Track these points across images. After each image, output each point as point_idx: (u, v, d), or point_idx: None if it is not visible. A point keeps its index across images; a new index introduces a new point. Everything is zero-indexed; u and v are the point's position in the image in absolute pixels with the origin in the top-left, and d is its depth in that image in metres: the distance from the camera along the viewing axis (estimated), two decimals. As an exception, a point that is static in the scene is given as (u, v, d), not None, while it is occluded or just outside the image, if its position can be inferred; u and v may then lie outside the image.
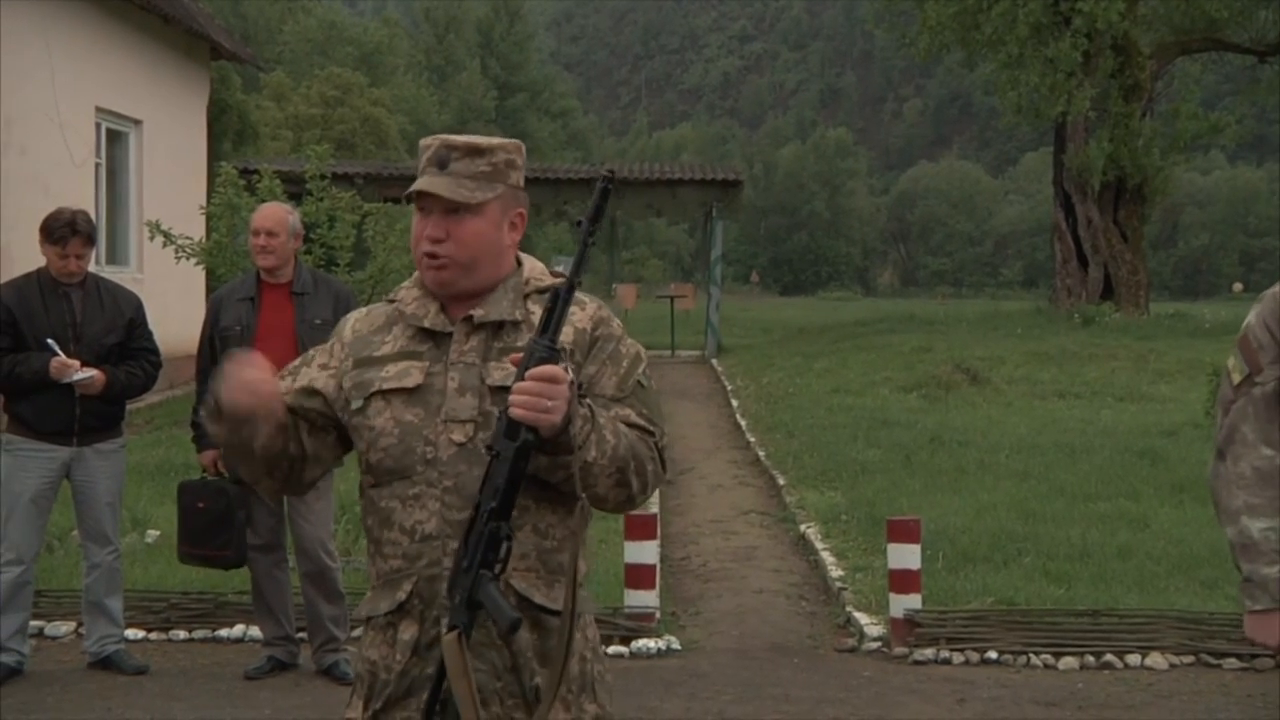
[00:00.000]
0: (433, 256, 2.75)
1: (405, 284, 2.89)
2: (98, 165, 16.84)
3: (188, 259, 15.36)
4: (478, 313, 2.74)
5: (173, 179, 18.42)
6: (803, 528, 10.09)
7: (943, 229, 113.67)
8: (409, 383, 2.71)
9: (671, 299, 29.98)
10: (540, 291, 2.81)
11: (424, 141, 2.80)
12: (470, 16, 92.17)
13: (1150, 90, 31.85)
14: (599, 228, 2.63)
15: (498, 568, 2.56)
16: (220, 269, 14.83)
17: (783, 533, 10.38)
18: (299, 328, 6.50)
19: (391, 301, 2.86)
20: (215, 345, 6.55)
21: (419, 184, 2.73)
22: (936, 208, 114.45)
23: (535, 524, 2.70)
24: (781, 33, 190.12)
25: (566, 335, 2.73)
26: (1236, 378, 3.41)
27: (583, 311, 2.80)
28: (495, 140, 2.78)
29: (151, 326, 6.86)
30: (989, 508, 10.49)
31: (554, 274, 2.88)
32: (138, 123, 17.86)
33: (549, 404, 2.49)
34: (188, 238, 15.30)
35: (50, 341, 6.39)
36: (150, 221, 15.21)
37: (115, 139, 17.52)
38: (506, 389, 2.60)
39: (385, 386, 2.72)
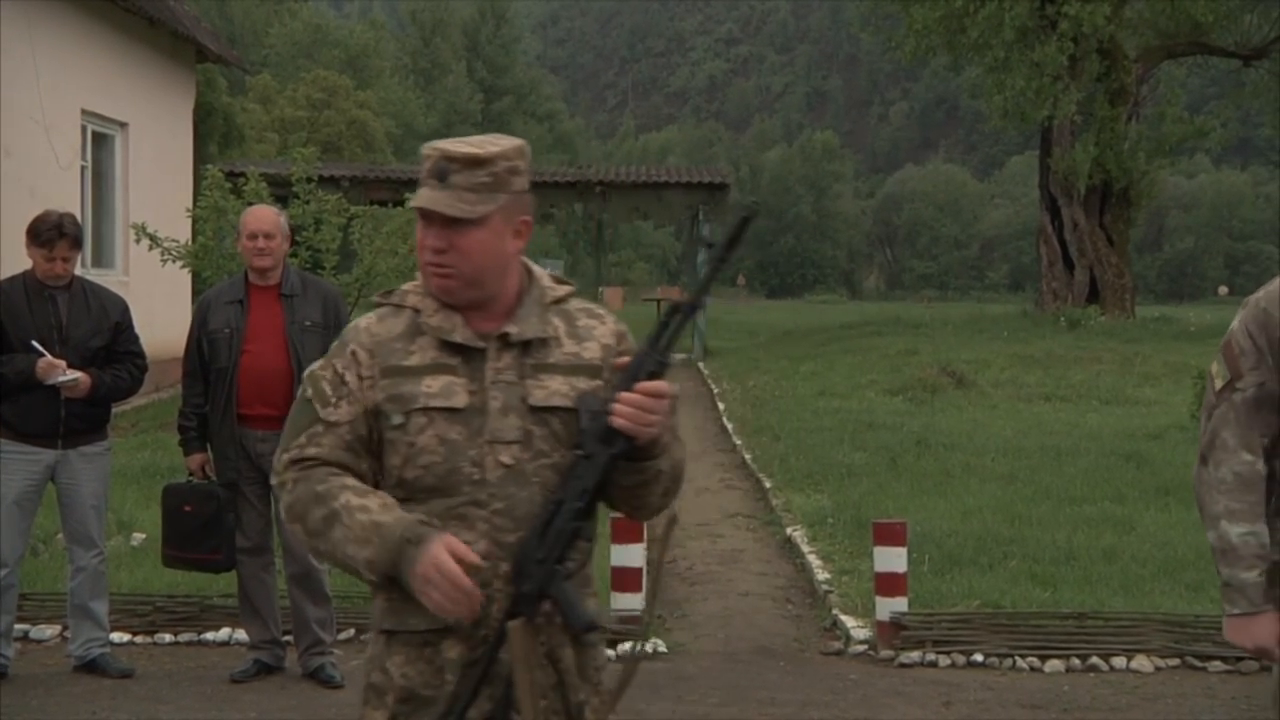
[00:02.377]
0: (437, 265, 2.70)
1: (411, 288, 2.81)
2: (83, 168, 16.80)
3: (174, 262, 15.33)
4: (513, 330, 2.72)
5: (158, 182, 18.39)
6: (789, 531, 10.10)
7: (928, 232, 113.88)
8: (456, 403, 2.67)
9: (658, 302, 29.98)
10: (557, 302, 2.82)
11: (425, 150, 2.73)
12: (456, 19, 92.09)
13: (1136, 94, 31.94)
14: (733, 256, 2.68)
15: (571, 566, 2.63)
16: (206, 272, 14.82)
17: (769, 536, 10.38)
18: (289, 330, 6.49)
19: (399, 306, 2.79)
20: (203, 348, 6.54)
21: (418, 199, 2.67)
22: (922, 211, 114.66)
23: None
24: (768, 36, 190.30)
25: (594, 351, 2.78)
26: (1218, 383, 3.44)
27: (604, 326, 2.83)
28: (495, 148, 2.70)
29: (137, 329, 6.84)
30: (975, 510, 10.50)
31: (555, 280, 2.87)
32: (123, 125, 17.83)
33: (653, 418, 2.57)
34: (174, 240, 15.28)
35: (34, 343, 6.37)
36: (136, 224, 15.18)
37: (101, 141, 17.48)
38: (549, 410, 2.68)
39: (431, 404, 2.67)
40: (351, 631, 7.39)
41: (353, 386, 2.71)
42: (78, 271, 6.75)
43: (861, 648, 7.31)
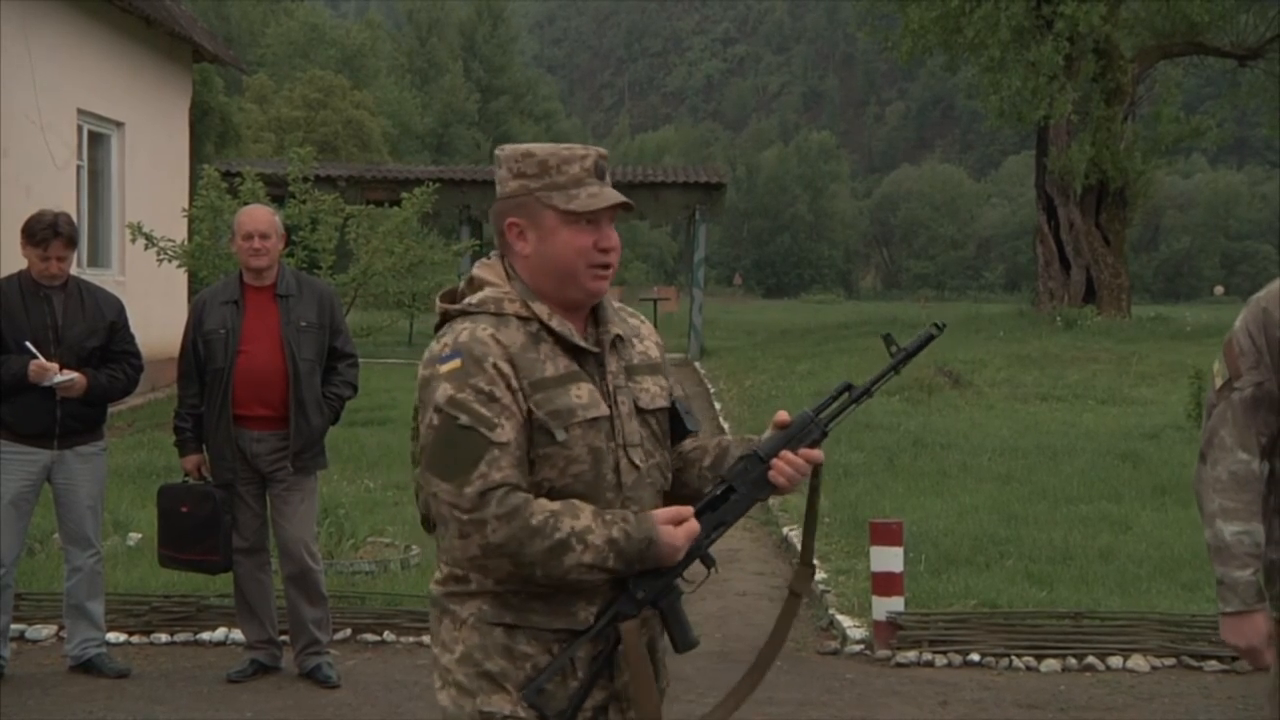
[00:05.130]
0: (604, 266, 2.74)
1: (499, 295, 2.77)
2: (79, 167, 16.78)
3: (170, 261, 15.32)
4: (621, 331, 2.80)
5: (155, 181, 18.37)
6: (785, 530, 10.10)
7: (925, 232, 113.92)
8: (602, 411, 2.72)
9: (655, 301, 30.04)
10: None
11: (569, 153, 2.72)
12: (453, 19, 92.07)
13: (1132, 94, 31.94)
14: (910, 361, 2.95)
15: (687, 589, 2.76)
16: (202, 271, 14.81)
17: (765, 535, 10.39)
18: (284, 330, 6.48)
19: (500, 314, 2.73)
20: (199, 349, 6.53)
21: (608, 197, 2.71)
22: (919, 211, 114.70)
23: None
24: (764, 36, 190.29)
25: (655, 350, 2.89)
26: (1218, 382, 3.48)
27: (644, 325, 2.92)
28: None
29: (133, 329, 6.83)
30: (971, 510, 10.51)
31: None
32: (119, 125, 17.81)
33: (801, 480, 2.75)
34: (170, 240, 15.26)
35: (28, 344, 6.36)
36: (132, 224, 15.16)
37: (97, 141, 17.47)
38: (655, 412, 2.80)
39: (589, 415, 2.70)
40: (348, 631, 7.38)
41: (506, 402, 2.65)
42: (73, 271, 6.74)
43: (858, 647, 7.32)
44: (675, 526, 2.64)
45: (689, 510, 2.66)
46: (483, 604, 2.72)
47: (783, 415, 2.73)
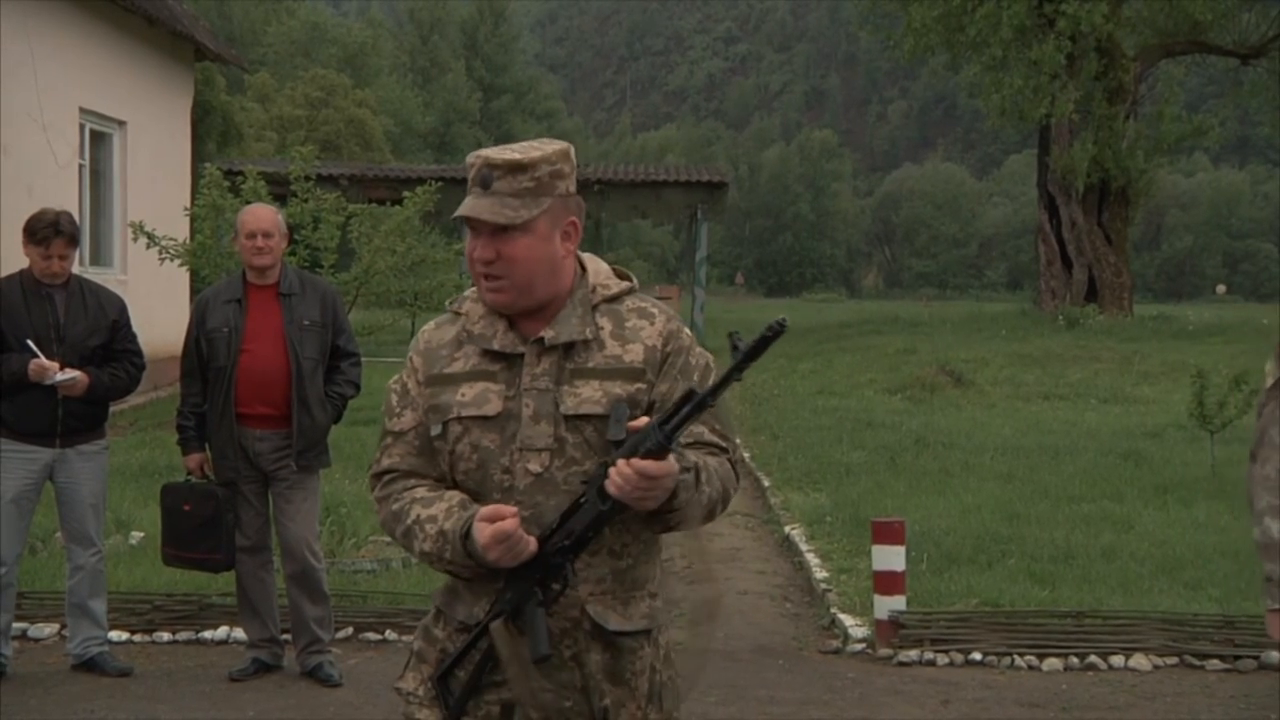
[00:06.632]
0: (488, 278, 2.72)
1: (469, 295, 2.85)
2: (81, 166, 16.78)
3: (172, 260, 15.32)
4: (549, 334, 2.72)
5: (157, 180, 18.37)
6: (787, 529, 10.09)
7: (927, 231, 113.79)
8: (489, 410, 2.71)
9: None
10: (609, 300, 2.80)
11: (469, 159, 2.75)
12: (455, 17, 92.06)
13: (1134, 93, 31.97)
14: (752, 364, 2.58)
15: (548, 594, 2.64)
16: (204, 270, 14.80)
17: (767, 534, 10.38)
18: (287, 329, 6.48)
19: (456, 313, 2.84)
20: (201, 347, 6.53)
21: (463, 207, 2.69)
22: (921, 210, 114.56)
23: (610, 547, 2.72)
24: (766, 34, 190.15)
25: (637, 354, 2.75)
26: (1269, 382, 3.47)
27: (652, 326, 2.80)
28: (538, 153, 2.71)
29: (135, 328, 6.83)
30: (973, 509, 10.50)
31: (618, 272, 2.88)
32: (122, 124, 17.81)
33: (642, 495, 2.51)
34: (172, 239, 15.26)
35: (29, 343, 6.35)
36: (134, 223, 15.16)
37: (99, 140, 17.47)
38: (581, 417, 2.67)
39: (464, 414, 2.72)
40: (350, 630, 7.38)
41: (414, 394, 2.81)
42: (75, 270, 6.73)
43: (860, 646, 7.31)
44: (488, 524, 2.58)
45: (508, 510, 2.58)
46: (445, 584, 2.85)
47: (635, 423, 2.57)
